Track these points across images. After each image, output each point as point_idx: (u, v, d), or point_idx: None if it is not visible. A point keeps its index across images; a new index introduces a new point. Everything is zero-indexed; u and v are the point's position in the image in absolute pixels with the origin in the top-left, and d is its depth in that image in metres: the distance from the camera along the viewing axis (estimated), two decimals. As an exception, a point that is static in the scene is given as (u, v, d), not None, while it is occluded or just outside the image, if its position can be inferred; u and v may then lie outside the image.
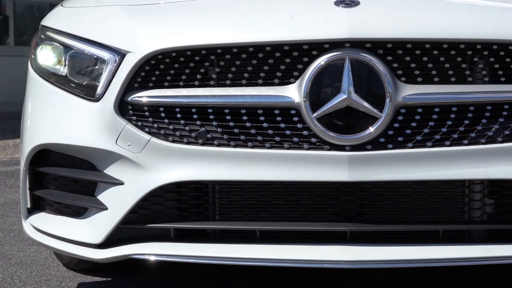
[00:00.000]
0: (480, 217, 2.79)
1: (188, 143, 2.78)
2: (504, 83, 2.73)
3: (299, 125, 2.73)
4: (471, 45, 2.71)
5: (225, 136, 2.76)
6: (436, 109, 2.71)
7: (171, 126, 2.79)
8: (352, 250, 2.72)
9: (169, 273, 3.52)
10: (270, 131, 2.74)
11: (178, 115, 2.79)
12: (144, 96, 2.81)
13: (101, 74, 2.88)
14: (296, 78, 2.74)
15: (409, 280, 3.40)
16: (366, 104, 2.68)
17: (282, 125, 2.73)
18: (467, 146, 2.69)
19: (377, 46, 2.71)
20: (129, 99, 2.82)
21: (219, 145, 2.76)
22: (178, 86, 2.81)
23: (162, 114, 2.80)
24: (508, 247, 2.73)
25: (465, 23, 2.75)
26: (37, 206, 3.09)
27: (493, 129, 2.70)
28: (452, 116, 2.71)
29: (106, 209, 2.87)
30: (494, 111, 2.71)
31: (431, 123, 2.70)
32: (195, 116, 2.78)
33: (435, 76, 2.73)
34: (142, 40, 2.83)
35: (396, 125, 2.70)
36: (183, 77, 2.81)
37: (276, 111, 2.74)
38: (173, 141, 2.78)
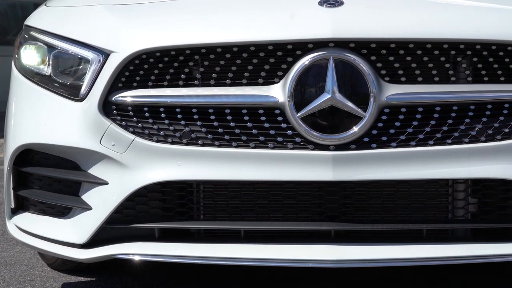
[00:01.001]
0: (463, 216, 2.80)
1: (172, 142, 2.78)
2: (487, 83, 2.75)
3: (283, 125, 2.73)
4: (454, 45, 2.73)
5: (209, 136, 2.76)
6: (420, 109, 2.72)
7: (155, 126, 2.79)
8: (336, 250, 2.73)
9: (154, 273, 3.52)
10: (254, 131, 2.74)
11: (162, 115, 2.79)
12: (128, 96, 2.81)
13: (85, 74, 2.88)
14: (280, 78, 2.74)
15: (398, 279, 3.42)
16: (350, 103, 2.69)
17: (266, 124, 2.74)
18: (450, 145, 2.71)
19: (361, 46, 2.72)
20: (113, 99, 2.82)
21: (203, 144, 2.76)
22: (162, 86, 2.81)
23: (146, 114, 2.80)
24: (491, 246, 2.74)
25: (448, 23, 2.76)
26: (21, 206, 3.08)
27: (476, 128, 2.72)
28: (436, 115, 2.72)
29: (90, 209, 2.87)
30: (477, 111, 2.73)
31: (415, 123, 2.71)
32: (179, 116, 2.78)
33: (418, 76, 2.74)
34: (126, 40, 2.83)
35: (380, 124, 2.71)
36: (167, 76, 2.81)
37: (260, 111, 2.74)
38: (158, 141, 2.78)
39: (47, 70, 2.98)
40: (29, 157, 3.02)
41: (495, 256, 2.73)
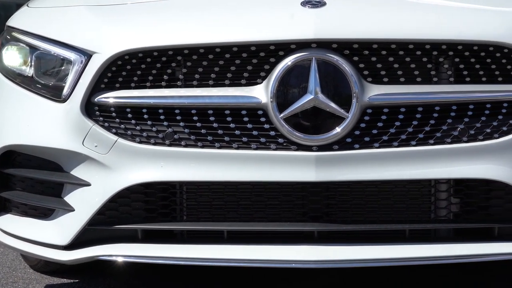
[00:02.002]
0: (446, 216, 2.81)
1: (155, 144, 2.77)
2: (469, 83, 2.76)
3: (266, 126, 2.73)
4: (436, 45, 2.73)
5: (192, 137, 2.76)
6: (402, 109, 2.73)
7: (138, 127, 2.79)
8: (319, 250, 2.73)
9: (138, 274, 3.51)
10: (237, 132, 2.74)
11: (145, 116, 2.79)
12: (110, 97, 2.80)
13: (67, 75, 2.87)
14: (263, 78, 2.74)
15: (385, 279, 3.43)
16: (332, 104, 2.69)
17: (249, 125, 2.74)
18: (432, 146, 2.72)
19: (343, 47, 2.72)
20: (95, 100, 2.81)
21: (186, 145, 2.76)
22: (145, 86, 2.81)
23: (129, 115, 2.80)
24: (473, 245, 2.75)
25: (430, 23, 2.77)
26: (3, 207, 3.07)
27: (459, 128, 2.73)
28: (418, 116, 2.73)
29: (73, 210, 2.86)
30: (459, 111, 2.74)
31: (397, 123, 2.72)
32: (162, 117, 2.78)
33: (401, 77, 2.75)
34: (109, 40, 2.82)
35: (363, 125, 2.72)
36: (150, 77, 2.81)
37: (243, 112, 2.75)
38: (140, 142, 2.78)
39: (29, 71, 2.97)
40: (11, 158, 3.01)
41: (478, 256, 2.75)
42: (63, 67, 2.90)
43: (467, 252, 2.74)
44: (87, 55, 2.84)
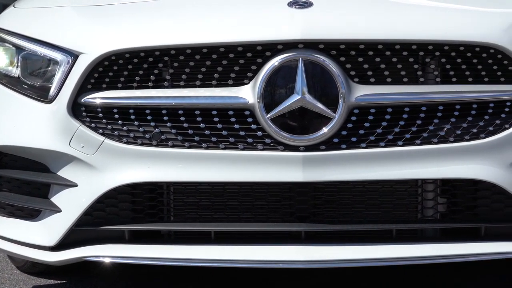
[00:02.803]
0: (432, 216, 2.82)
1: (142, 144, 2.77)
2: (456, 84, 2.76)
3: (253, 126, 2.73)
4: (423, 46, 2.74)
5: (179, 137, 2.76)
6: (389, 109, 2.73)
7: (125, 128, 2.78)
8: (306, 250, 2.73)
9: (125, 275, 3.51)
10: (224, 132, 2.74)
11: (132, 117, 2.79)
12: (97, 98, 2.80)
13: (54, 75, 2.86)
14: (250, 79, 2.74)
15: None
16: (319, 104, 2.70)
17: (236, 126, 2.74)
18: (419, 146, 2.72)
19: (330, 47, 2.73)
20: (82, 100, 2.81)
21: (173, 146, 2.76)
22: (132, 87, 2.81)
23: (116, 116, 2.79)
24: (460, 245, 2.76)
25: (417, 24, 2.78)
26: (-11, 208, 3.06)
27: (445, 129, 2.73)
28: (405, 116, 2.73)
29: (60, 211, 2.85)
30: (446, 111, 2.74)
31: (384, 123, 2.73)
32: (149, 117, 2.78)
33: (387, 77, 2.75)
34: (95, 41, 2.82)
35: (350, 125, 2.72)
36: (137, 78, 2.80)
37: (230, 112, 2.75)
38: (127, 143, 2.77)
39: (15, 71, 2.96)
40: (-3, 159, 3.01)
41: (465, 256, 2.75)
42: (49, 68, 2.89)
43: (454, 252, 2.74)
44: (74, 56, 2.83)
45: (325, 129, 2.71)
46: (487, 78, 2.76)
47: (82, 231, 2.84)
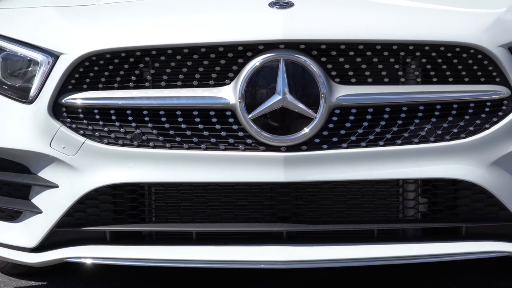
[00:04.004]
0: (414, 216, 2.83)
1: (123, 145, 2.76)
2: (436, 84, 2.77)
3: (235, 126, 2.73)
4: (403, 46, 2.75)
5: (160, 138, 2.75)
6: (370, 110, 2.74)
7: (106, 128, 2.78)
8: (288, 250, 2.73)
9: (107, 276, 3.50)
10: (205, 133, 2.74)
11: (113, 117, 2.78)
12: (78, 98, 2.79)
13: (34, 76, 2.85)
14: (231, 79, 2.74)
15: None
16: (300, 105, 2.70)
17: (217, 126, 2.74)
18: (400, 146, 2.73)
19: (311, 47, 2.73)
20: (63, 101, 2.80)
21: (154, 147, 2.75)
22: (113, 88, 2.80)
23: (97, 116, 2.79)
24: (441, 245, 2.77)
25: (397, 24, 2.79)
26: (-31, 210, 3.04)
27: (426, 129, 2.74)
28: (386, 116, 2.74)
29: (41, 212, 2.84)
30: (427, 111, 2.75)
31: (365, 124, 2.73)
32: (130, 118, 2.77)
33: (368, 77, 2.76)
34: (76, 41, 2.81)
35: (331, 125, 2.73)
36: (118, 78, 2.80)
37: (212, 113, 2.74)
38: (108, 143, 2.77)
39: (-5, 72, 2.94)
40: (-23, 160, 2.99)
41: (446, 255, 2.76)
42: (30, 68, 2.88)
43: (435, 251, 2.75)
44: (54, 56, 2.82)
45: (306, 130, 2.71)
46: (467, 78, 2.77)
47: (63, 232, 2.83)
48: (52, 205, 2.82)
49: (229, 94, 2.73)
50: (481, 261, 3.01)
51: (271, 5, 2.80)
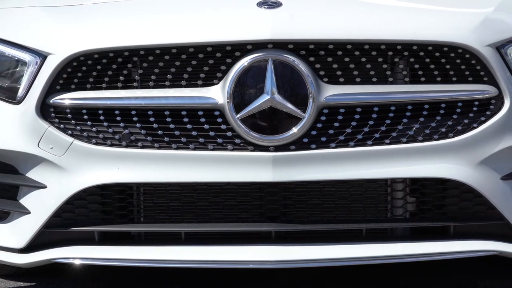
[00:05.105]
0: (402, 215, 2.84)
1: (111, 145, 2.76)
2: (424, 83, 2.78)
3: (223, 126, 2.73)
4: (391, 45, 2.75)
5: (149, 138, 2.75)
6: (358, 109, 2.74)
7: (94, 129, 2.77)
8: (277, 250, 2.74)
9: (97, 277, 3.49)
10: (194, 133, 2.74)
11: (101, 117, 2.78)
12: (66, 99, 2.79)
13: (22, 76, 2.85)
14: (220, 79, 2.74)
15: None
16: (289, 105, 2.70)
17: (206, 126, 2.74)
18: (388, 145, 2.73)
19: (299, 47, 2.73)
20: (51, 101, 2.80)
21: (143, 147, 2.75)
22: (101, 88, 2.80)
23: (85, 117, 2.78)
24: (430, 244, 2.78)
25: (385, 24, 2.79)
26: (-43, 211, 3.03)
27: (414, 128, 2.75)
28: (374, 116, 2.75)
29: (29, 213, 2.84)
30: (415, 111, 2.76)
31: (354, 123, 2.74)
32: (118, 118, 2.77)
33: (357, 77, 2.76)
34: (64, 41, 2.80)
35: (319, 125, 2.73)
36: (106, 79, 2.80)
37: (200, 112, 2.74)
38: (96, 144, 2.76)
39: (-17, 73, 2.94)
40: (-35, 161, 2.98)
41: (434, 255, 2.77)
42: (18, 69, 2.88)
43: (423, 250, 2.76)
44: (42, 56, 2.82)
45: (294, 129, 2.71)
46: (455, 78, 2.78)
47: (52, 233, 2.83)
48: (40, 206, 2.81)
49: (217, 94, 2.73)
50: (470, 260, 3.02)
51: (260, 5, 2.80)
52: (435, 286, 3.28)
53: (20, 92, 2.84)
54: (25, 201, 2.86)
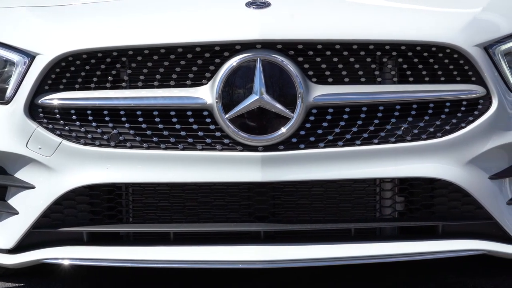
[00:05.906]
0: (391, 215, 2.84)
1: (100, 145, 2.76)
2: (412, 83, 2.79)
3: (212, 126, 2.73)
4: (380, 45, 2.76)
5: (137, 138, 2.75)
6: (347, 109, 2.75)
7: (82, 129, 2.77)
8: (266, 250, 2.74)
9: (86, 277, 3.49)
10: (182, 133, 2.74)
11: (90, 118, 2.77)
12: (54, 99, 2.78)
13: (10, 76, 2.84)
14: (208, 79, 2.75)
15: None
16: (278, 105, 2.70)
17: (194, 126, 2.74)
18: (377, 145, 2.74)
19: (288, 47, 2.73)
20: (39, 101, 2.79)
21: (131, 147, 2.75)
22: (90, 88, 2.80)
23: (74, 117, 2.78)
24: (418, 243, 2.79)
25: (374, 24, 2.80)
26: None
27: (402, 128, 2.76)
28: (362, 115, 2.75)
29: (17, 213, 2.83)
30: (403, 111, 2.77)
31: (342, 123, 2.74)
32: (107, 118, 2.77)
33: (345, 77, 2.77)
34: (52, 41, 2.80)
35: (308, 125, 2.73)
36: (95, 79, 2.79)
37: (189, 113, 2.74)
38: (85, 144, 2.76)
39: (-29, 73, 2.93)
40: (-47, 161, 2.97)
41: (422, 254, 2.78)
42: (6, 69, 2.87)
43: (412, 250, 2.77)
44: (30, 57, 2.81)
45: (283, 129, 2.71)
46: (443, 78, 2.79)
47: (40, 233, 2.82)
48: (28, 206, 2.81)
49: (206, 94, 2.73)
50: (458, 259, 3.02)
51: (248, 5, 2.80)
52: (423, 286, 3.29)
53: (9, 93, 2.84)
54: (14, 201, 2.85)
